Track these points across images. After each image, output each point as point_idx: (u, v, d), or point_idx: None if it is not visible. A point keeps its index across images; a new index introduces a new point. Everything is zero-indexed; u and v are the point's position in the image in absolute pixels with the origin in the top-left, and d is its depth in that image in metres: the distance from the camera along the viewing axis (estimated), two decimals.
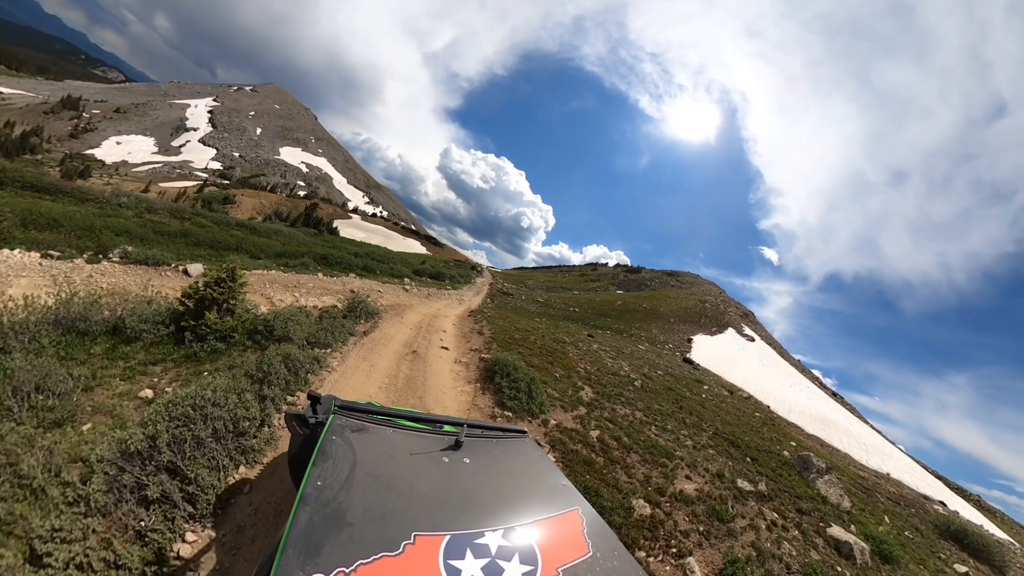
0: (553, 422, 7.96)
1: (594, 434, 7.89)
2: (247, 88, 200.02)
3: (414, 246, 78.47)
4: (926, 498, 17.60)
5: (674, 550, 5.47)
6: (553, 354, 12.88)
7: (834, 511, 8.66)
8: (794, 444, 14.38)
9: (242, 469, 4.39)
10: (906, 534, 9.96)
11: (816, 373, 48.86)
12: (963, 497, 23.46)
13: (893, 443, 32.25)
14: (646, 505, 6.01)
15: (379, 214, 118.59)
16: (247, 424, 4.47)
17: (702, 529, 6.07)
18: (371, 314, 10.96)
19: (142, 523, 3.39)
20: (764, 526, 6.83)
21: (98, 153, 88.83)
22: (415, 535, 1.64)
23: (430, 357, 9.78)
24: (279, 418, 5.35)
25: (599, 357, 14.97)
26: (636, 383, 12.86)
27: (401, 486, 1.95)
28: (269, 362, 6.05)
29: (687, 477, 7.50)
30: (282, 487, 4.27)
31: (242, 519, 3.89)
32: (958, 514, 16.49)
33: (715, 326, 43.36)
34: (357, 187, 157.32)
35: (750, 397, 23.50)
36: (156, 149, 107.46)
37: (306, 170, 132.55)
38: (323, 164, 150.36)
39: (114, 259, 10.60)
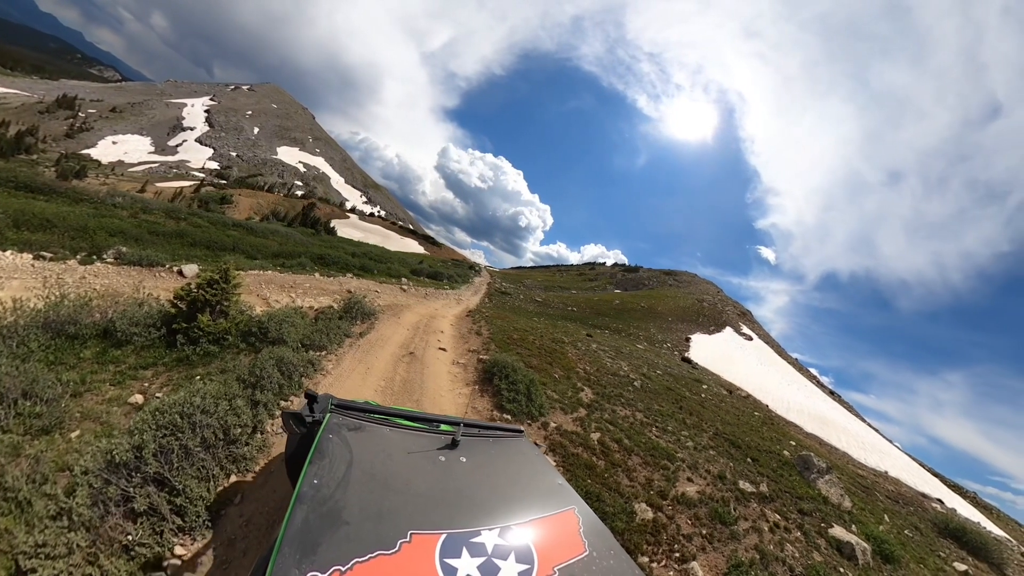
0: (553, 425, 7.86)
1: (595, 436, 7.80)
2: (244, 87, 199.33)
3: (412, 246, 78.42)
4: (924, 496, 17.63)
5: (677, 555, 5.40)
6: (552, 354, 12.80)
7: (835, 511, 8.63)
8: (794, 443, 14.34)
9: (233, 478, 4.25)
10: (906, 533, 9.94)
11: (813, 371, 49.01)
12: (960, 494, 23.52)
13: (890, 441, 32.32)
14: (648, 509, 5.94)
15: (377, 214, 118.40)
16: (238, 431, 4.34)
17: (705, 532, 6.00)
18: (367, 315, 10.84)
19: (129, 537, 3.28)
20: (767, 528, 6.78)
21: (94, 153, 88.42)
22: (411, 533, 1.65)
23: (427, 359, 9.66)
24: (272, 424, 5.22)
25: (598, 357, 14.90)
26: (636, 383, 12.80)
27: (398, 485, 1.95)
28: (262, 366, 5.88)
29: (689, 479, 7.43)
30: (275, 497, 4.15)
31: (233, 531, 3.78)
32: (956, 512, 16.51)
33: (713, 325, 43.38)
34: (355, 187, 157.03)
35: (749, 396, 23.48)
36: (152, 149, 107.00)
37: (304, 170, 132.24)
38: (321, 164, 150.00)
39: (108, 260, 10.46)
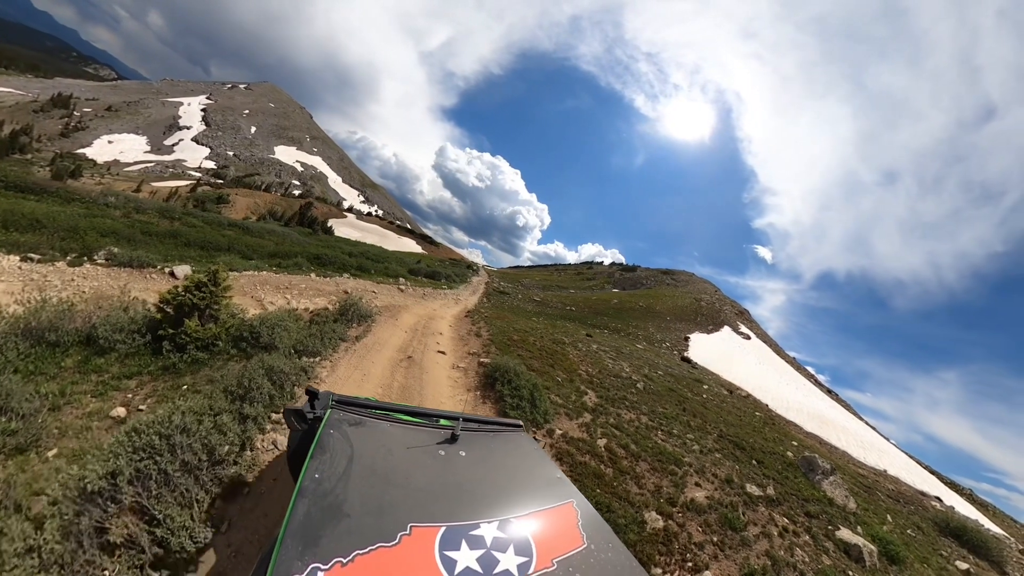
0: (559, 432, 7.64)
1: (601, 443, 7.62)
2: (241, 86, 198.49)
3: (409, 245, 78.22)
4: (923, 494, 17.61)
5: (690, 564, 5.28)
6: (553, 356, 12.60)
7: (841, 512, 8.58)
8: (795, 444, 14.25)
9: (220, 503, 3.96)
10: (908, 532, 9.89)
11: (810, 370, 49.08)
12: (956, 491, 23.54)
13: (887, 439, 32.36)
14: (659, 518, 5.82)
15: (374, 213, 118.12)
16: (225, 450, 4.06)
17: (716, 540, 5.90)
18: (364, 317, 10.52)
19: (105, 572, 3.06)
20: (776, 532, 6.70)
21: (89, 152, 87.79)
22: (411, 526, 1.68)
23: (426, 363, 9.39)
24: (262, 440, 4.98)
25: (599, 358, 14.73)
26: (639, 385, 12.64)
27: (398, 479, 1.98)
28: (251, 376, 5.54)
29: (697, 484, 7.31)
30: (266, 522, 3.89)
31: (220, 565, 3.52)
32: (954, 509, 16.49)
33: (711, 324, 43.37)
34: (352, 186, 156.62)
35: (749, 396, 23.40)
36: (149, 148, 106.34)
37: (301, 169, 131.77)
38: (318, 163, 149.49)
39: (99, 261, 10.17)
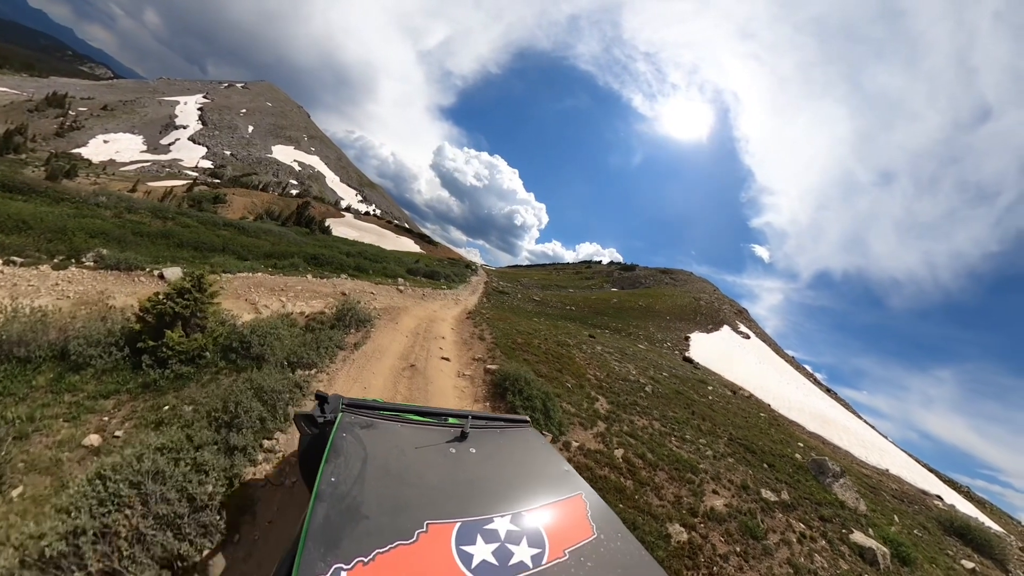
0: (575, 444, 7.46)
1: (618, 453, 7.46)
2: (238, 85, 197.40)
3: (408, 244, 77.92)
4: (925, 493, 17.72)
5: None
6: (560, 360, 12.42)
7: (852, 515, 8.63)
8: (801, 445, 14.26)
9: (207, 553, 3.51)
10: (915, 532, 9.95)
11: (808, 368, 49.21)
12: (955, 489, 23.72)
13: (885, 437, 32.52)
14: (683, 530, 5.79)
15: (372, 212, 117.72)
16: (206, 496, 3.57)
17: (739, 550, 5.88)
18: (363, 321, 9.99)
19: None
20: (795, 539, 6.71)
21: (85, 152, 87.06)
22: (428, 523, 1.74)
23: (430, 372, 8.95)
24: (254, 472, 4.49)
25: (605, 361, 14.64)
26: (647, 388, 12.55)
27: (412, 478, 2.03)
28: (238, 399, 4.90)
29: (714, 491, 7.29)
30: (260, 573, 3.45)
31: None
32: (956, 508, 16.58)
33: (711, 323, 43.41)
34: (350, 185, 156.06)
35: (751, 396, 23.42)
36: (145, 147, 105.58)
37: (299, 168, 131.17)
38: (316, 162, 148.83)
39: (87, 264, 9.69)
